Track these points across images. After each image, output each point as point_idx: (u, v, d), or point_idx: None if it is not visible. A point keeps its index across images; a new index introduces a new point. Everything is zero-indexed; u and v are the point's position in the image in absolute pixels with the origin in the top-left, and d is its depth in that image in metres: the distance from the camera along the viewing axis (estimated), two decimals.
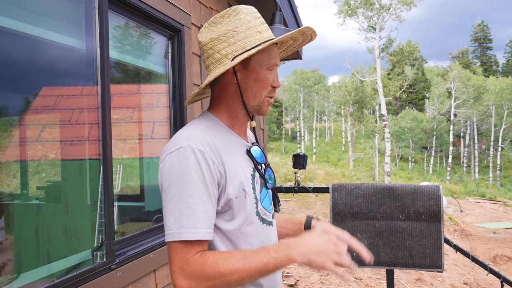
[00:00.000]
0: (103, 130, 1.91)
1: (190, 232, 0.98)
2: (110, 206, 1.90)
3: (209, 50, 1.13)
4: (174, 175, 1.01)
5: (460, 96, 39.02)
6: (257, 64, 1.12)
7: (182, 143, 1.04)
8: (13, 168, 1.71)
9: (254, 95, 1.14)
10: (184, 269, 0.97)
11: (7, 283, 1.50)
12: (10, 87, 1.62)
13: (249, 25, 1.11)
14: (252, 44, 1.09)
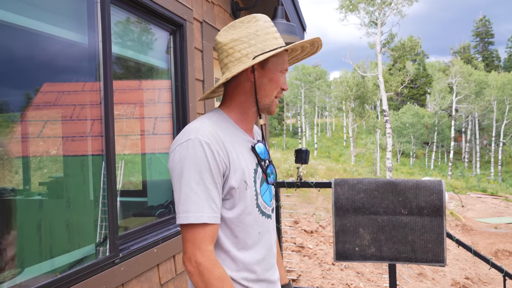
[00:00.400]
0: (106, 126, 1.90)
1: (196, 216, 1.10)
2: (114, 201, 1.90)
3: (229, 49, 1.23)
4: (182, 164, 1.12)
5: (462, 91, 38.91)
6: (273, 65, 1.24)
7: (190, 135, 1.15)
8: (16, 164, 1.71)
9: (266, 94, 1.26)
10: (195, 254, 1.10)
11: (11, 277, 1.50)
12: (12, 83, 1.62)
13: (268, 31, 1.24)
14: (270, 47, 1.22)
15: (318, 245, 8.32)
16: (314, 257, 7.67)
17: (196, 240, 1.10)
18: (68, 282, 1.58)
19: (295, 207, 11.20)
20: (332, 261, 7.43)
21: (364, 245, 3.18)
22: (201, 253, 1.10)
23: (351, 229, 3.20)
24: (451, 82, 40.02)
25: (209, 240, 1.12)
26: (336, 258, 3.24)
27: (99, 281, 1.74)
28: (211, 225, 1.12)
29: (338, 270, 7.24)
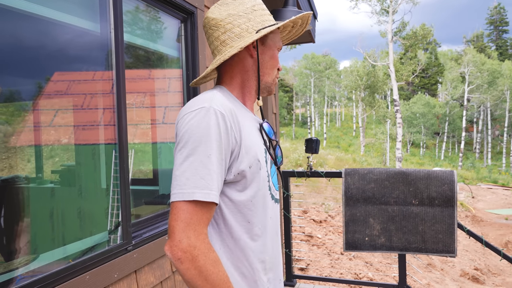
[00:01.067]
0: (118, 115, 1.91)
1: (204, 193, 0.95)
2: (126, 189, 1.92)
3: (227, 25, 1.13)
4: (192, 134, 0.98)
5: (474, 80, 38.33)
6: (272, 42, 1.19)
7: (204, 103, 1.02)
8: (29, 152, 1.73)
9: (268, 72, 1.19)
10: (189, 237, 0.93)
11: (25, 264, 1.53)
12: (24, 71, 1.63)
13: (263, 7, 1.19)
14: (269, 22, 1.16)
15: (327, 235, 8.34)
16: (323, 247, 7.70)
17: (192, 220, 0.94)
18: (83, 268, 1.61)
19: (304, 196, 11.21)
20: (341, 250, 7.45)
21: (374, 235, 3.18)
22: (196, 235, 0.93)
23: (361, 219, 3.20)
24: (463, 72, 39.41)
25: (206, 222, 0.97)
26: (345, 247, 3.25)
27: (112, 268, 1.76)
28: (214, 206, 0.99)
29: (347, 259, 7.26)
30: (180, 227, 0.93)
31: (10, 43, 1.52)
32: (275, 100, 4.41)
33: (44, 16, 1.64)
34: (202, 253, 0.93)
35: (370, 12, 26.81)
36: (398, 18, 45.92)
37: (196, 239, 0.93)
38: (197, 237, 0.93)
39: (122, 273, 1.83)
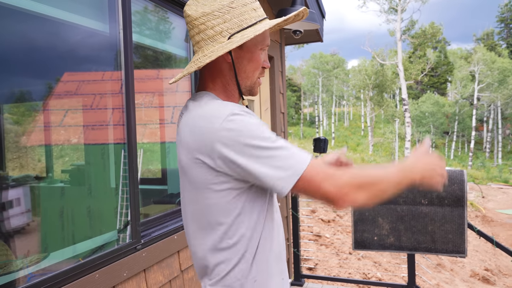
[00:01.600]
0: (127, 115, 1.93)
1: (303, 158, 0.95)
2: (135, 189, 1.93)
3: (200, 25, 1.05)
4: (242, 138, 0.94)
5: (484, 79, 37.90)
6: (252, 44, 1.08)
7: (225, 111, 0.98)
8: (40, 152, 1.75)
9: (247, 76, 1.11)
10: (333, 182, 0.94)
11: (36, 262, 1.55)
12: (35, 71, 1.65)
13: (245, 2, 1.06)
14: (248, 22, 1.05)
15: (335, 234, 8.31)
16: (331, 246, 7.68)
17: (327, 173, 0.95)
18: (92, 266, 1.62)
19: None
20: (350, 250, 7.42)
21: (383, 235, 3.16)
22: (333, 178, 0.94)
23: (370, 219, 3.19)
24: (473, 70, 39.01)
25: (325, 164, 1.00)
26: (354, 246, 3.24)
27: (121, 266, 1.78)
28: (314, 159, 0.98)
29: (355, 259, 7.23)
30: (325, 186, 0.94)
31: (20, 44, 1.53)
32: (283, 100, 4.40)
33: (54, 17, 1.66)
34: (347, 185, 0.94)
35: (379, 11, 26.67)
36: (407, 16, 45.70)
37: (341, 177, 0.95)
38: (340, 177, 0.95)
39: (131, 272, 1.84)
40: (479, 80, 38.32)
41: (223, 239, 1.04)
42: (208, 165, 0.99)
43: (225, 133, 0.95)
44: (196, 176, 1.03)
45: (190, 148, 1.02)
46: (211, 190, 1.02)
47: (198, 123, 1.01)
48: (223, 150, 0.96)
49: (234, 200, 1.02)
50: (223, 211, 1.03)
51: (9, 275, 1.42)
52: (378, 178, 0.99)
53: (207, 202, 1.04)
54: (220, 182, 1.00)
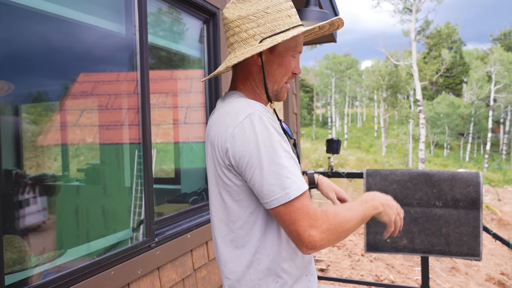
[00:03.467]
0: (142, 115, 1.95)
1: (295, 188, 0.96)
2: (150, 188, 1.96)
3: (235, 28, 1.10)
4: (254, 143, 0.97)
5: (501, 80, 37.25)
6: (284, 49, 1.11)
7: (247, 110, 1.02)
8: (56, 151, 1.78)
9: (275, 80, 1.14)
10: (312, 224, 0.95)
11: (52, 258, 1.58)
12: (52, 72, 1.68)
13: (280, 8, 1.09)
14: (281, 28, 1.08)
15: (348, 236, 8.25)
16: (343, 248, 7.64)
17: (309, 214, 0.96)
18: (108, 264, 1.65)
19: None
20: (362, 252, 7.38)
21: (396, 237, 3.14)
22: (315, 220, 0.96)
23: None
24: (489, 71, 38.37)
25: (311, 204, 1.00)
26: (367, 249, 3.22)
27: (136, 264, 1.80)
28: (305, 191, 0.99)
29: (368, 261, 7.19)
30: (302, 223, 0.95)
31: (38, 45, 1.57)
32: (296, 100, 4.40)
33: (71, 18, 1.69)
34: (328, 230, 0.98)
35: (393, 11, 26.43)
36: (421, 16, 45.29)
37: (323, 221, 0.97)
38: (322, 220, 0.97)
39: (146, 270, 1.86)
40: (495, 81, 37.67)
41: (236, 236, 1.07)
42: (223, 161, 1.04)
43: (231, 142, 1.01)
44: (218, 170, 1.07)
45: (214, 143, 1.06)
46: (228, 186, 1.06)
47: (223, 119, 1.05)
48: (232, 153, 1.01)
49: (248, 199, 1.05)
50: (237, 208, 1.06)
51: (27, 270, 1.45)
52: (348, 221, 1.02)
53: (225, 197, 1.07)
54: (234, 178, 1.04)
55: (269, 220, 1.06)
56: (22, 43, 1.49)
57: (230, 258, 1.10)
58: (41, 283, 1.39)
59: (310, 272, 1.20)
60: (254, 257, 1.06)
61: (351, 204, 1.08)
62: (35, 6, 1.52)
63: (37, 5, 1.53)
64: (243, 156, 0.99)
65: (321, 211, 0.98)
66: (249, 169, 0.98)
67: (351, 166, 18.36)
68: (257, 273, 1.06)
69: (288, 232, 0.98)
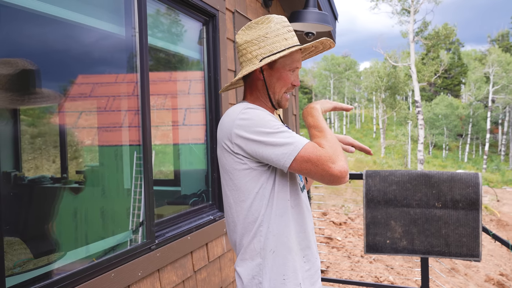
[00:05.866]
0: (142, 117, 1.95)
1: (301, 141, 1.21)
2: (150, 189, 1.96)
3: (243, 50, 1.37)
4: (253, 125, 1.23)
5: (499, 81, 37.31)
6: (281, 66, 1.36)
7: (243, 106, 1.30)
8: (62, 153, 1.78)
9: (275, 91, 1.38)
10: (323, 161, 1.18)
11: (52, 261, 1.57)
12: (51, 73, 1.68)
13: (278, 33, 1.34)
14: (278, 49, 1.32)
15: (347, 237, 8.27)
16: (343, 249, 7.64)
17: (317, 154, 1.18)
18: (108, 266, 1.65)
19: (324, 198, 11.13)
20: (361, 253, 7.37)
21: (395, 238, 3.14)
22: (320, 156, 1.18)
23: (382, 222, 3.16)
24: (487, 72, 38.44)
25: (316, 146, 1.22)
26: (366, 250, 3.22)
27: (136, 266, 1.80)
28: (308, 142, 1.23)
29: (367, 262, 7.19)
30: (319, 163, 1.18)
31: (37, 47, 1.57)
32: (295, 102, 4.41)
33: (70, 19, 1.69)
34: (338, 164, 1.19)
35: (391, 12, 26.48)
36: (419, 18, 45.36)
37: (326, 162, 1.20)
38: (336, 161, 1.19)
39: (146, 272, 1.86)
40: (493, 82, 37.74)
41: (247, 215, 1.29)
42: (230, 149, 1.28)
43: (239, 121, 1.26)
44: (225, 161, 1.31)
45: (220, 140, 1.33)
46: (236, 170, 1.29)
47: (224, 119, 1.33)
48: (238, 133, 1.25)
49: (253, 181, 1.27)
50: (245, 189, 1.29)
51: (27, 273, 1.45)
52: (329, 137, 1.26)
53: (235, 182, 1.30)
54: (240, 163, 1.27)
55: (271, 198, 1.29)
56: (21, 45, 1.49)
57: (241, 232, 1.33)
58: (41, 285, 1.38)
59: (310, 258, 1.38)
60: (258, 230, 1.28)
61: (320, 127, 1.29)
62: (34, 7, 1.52)
63: (36, 7, 1.53)
64: (248, 136, 1.23)
65: (319, 149, 1.20)
66: (256, 146, 1.22)
67: (350, 167, 18.37)
68: (259, 243, 1.28)
69: (317, 177, 1.20)
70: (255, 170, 1.27)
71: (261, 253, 1.28)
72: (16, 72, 1.44)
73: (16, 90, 1.47)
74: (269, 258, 1.28)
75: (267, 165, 1.27)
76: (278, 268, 1.28)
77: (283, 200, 1.30)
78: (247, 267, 1.30)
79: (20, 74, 1.48)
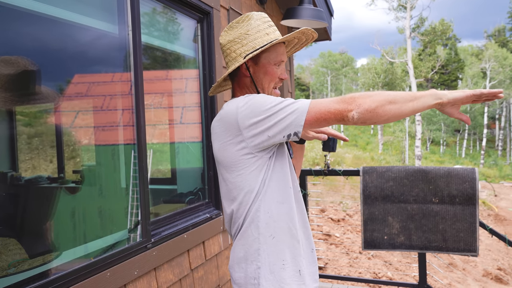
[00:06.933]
0: (137, 115, 1.94)
1: (305, 102, 1.21)
2: (145, 188, 1.95)
3: (227, 50, 1.38)
4: (258, 106, 1.22)
5: (496, 76, 37.36)
6: (266, 60, 1.36)
7: (241, 98, 1.29)
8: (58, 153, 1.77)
9: (263, 86, 1.39)
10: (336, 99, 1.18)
11: (48, 261, 1.57)
12: (46, 73, 1.67)
13: (259, 29, 1.35)
14: (260, 45, 1.33)
15: (345, 234, 8.28)
16: (341, 246, 7.65)
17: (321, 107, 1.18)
18: (104, 265, 1.64)
19: (322, 195, 11.15)
20: (359, 249, 7.39)
21: (393, 234, 3.14)
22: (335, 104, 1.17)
23: (380, 218, 3.17)
24: (484, 67, 38.50)
25: None
26: (364, 246, 3.22)
27: (132, 265, 1.79)
28: None
29: (366, 259, 7.20)
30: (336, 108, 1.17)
31: (31, 47, 1.55)
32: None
33: (63, 19, 1.68)
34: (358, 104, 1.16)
35: (387, 9, 26.47)
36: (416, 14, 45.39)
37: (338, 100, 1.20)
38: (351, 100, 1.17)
39: (142, 271, 1.86)
40: (490, 77, 37.80)
41: (241, 204, 1.30)
42: (237, 140, 1.26)
43: (243, 109, 1.24)
44: (228, 155, 1.29)
45: (221, 136, 1.31)
46: (240, 162, 1.28)
47: (225, 113, 1.31)
48: (246, 119, 1.23)
49: (257, 171, 1.28)
50: (248, 180, 1.28)
51: (23, 273, 1.44)
52: (383, 93, 1.15)
53: (237, 174, 1.29)
54: (246, 153, 1.26)
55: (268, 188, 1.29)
56: (15, 44, 1.48)
57: None
58: (36, 285, 1.38)
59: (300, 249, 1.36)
60: (255, 215, 1.29)
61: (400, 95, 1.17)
62: (26, 7, 1.51)
63: (29, 6, 1.51)
64: (250, 121, 1.23)
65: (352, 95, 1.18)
66: (263, 124, 1.21)
67: (348, 164, 18.40)
68: (257, 228, 1.29)
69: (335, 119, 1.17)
70: (260, 159, 1.27)
71: (259, 238, 1.28)
72: (16, 71, 1.43)
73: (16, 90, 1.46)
74: (268, 243, 1.29)
75: (270, 151, 1.28)
76: (278, 253, 1.29)
77: (285, 187, 1.32)
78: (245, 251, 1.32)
79: (20, 74, 1.46)
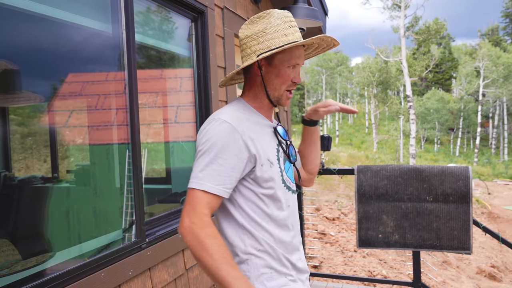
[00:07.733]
0: (131, 115, 1.93)
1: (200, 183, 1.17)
2: (140, 188, 1.94)
3: (243, 45, 1.34)
4: (207, 141, 1.21)
5: (489, 75, 37.61)
6: (279, 62, 1.31)
7: (215, 117, 1.26)
8: (52, 152, 1.76)
9: (274, 88, 1.34)
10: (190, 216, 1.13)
11: (41, 261, 1.56)
12: (40, 73, 1.66)
13: (277, 28, 1.30)
14: (276, 45, 1.28)
15: (340, 232, 8.31)
16: (336, 244, 7.67)
17: (193, 202, 1.15)
18: (98, 265, 1.64)
19: (317, 194, 11.17)
20: (354, 248, 7.41)
21: (387, 232, 3.15)
22: (195, 213, 1.13)
23: (374, 216, 3.18)
24: (478, 66, 38.72)
25: (205, 205, 1.16)
26: (359, 245, 3.23)
27: (127, 265, 1.79)
28: (210, 194, 1.17)
29: (360, 257, 7.23)
30: (185, 208, 1.16)
31: (25, 46, 1.54)
32: (282, 106, 4.39)
33: (57, 18, 1.67)
34: (198, 227, 1.11)
35: (382, 8, 26.55)
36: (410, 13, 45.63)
37: (195, 216, 1.13)
38: (195, 215, 1.13)
39: (137, 271, 1.85)
40: (484, 76, 38.03)
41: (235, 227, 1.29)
42: None
43: (199, 136, 1.26)
44: None
45: None
46: None
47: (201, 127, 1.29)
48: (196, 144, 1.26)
49: None
50: None
51: (16, 274, 1.43)
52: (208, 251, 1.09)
53: None
54: None
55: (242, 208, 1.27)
56: (9, 43, 1.47)
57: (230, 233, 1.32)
58: (29, 286, 1.37)
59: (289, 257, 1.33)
60: (241, 229, 1.28)
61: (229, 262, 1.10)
62: (21, 6, 1.49)
63: (23, 5, 1.50)
64: (197, 146, 1.24)
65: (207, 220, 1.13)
66: (197, 156, 1.22)
67: (342, 163, 18.45)
68: (245, 240, 1.27)
69: None
70: None
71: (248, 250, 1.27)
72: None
73: None
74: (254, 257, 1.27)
75: None
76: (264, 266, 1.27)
77: (257, 207, 1.28)
78: None
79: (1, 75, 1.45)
